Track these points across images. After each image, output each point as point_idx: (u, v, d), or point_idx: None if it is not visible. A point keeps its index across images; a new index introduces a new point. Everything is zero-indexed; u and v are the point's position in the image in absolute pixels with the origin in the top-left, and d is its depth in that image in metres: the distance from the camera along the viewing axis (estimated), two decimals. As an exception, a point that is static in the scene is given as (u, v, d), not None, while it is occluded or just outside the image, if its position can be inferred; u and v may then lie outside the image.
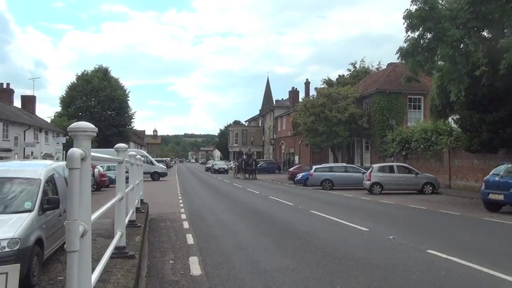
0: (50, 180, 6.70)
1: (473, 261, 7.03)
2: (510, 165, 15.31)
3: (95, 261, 3.82)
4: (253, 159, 42.14)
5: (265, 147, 68.56)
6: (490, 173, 15.52)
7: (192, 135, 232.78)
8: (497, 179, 14.62)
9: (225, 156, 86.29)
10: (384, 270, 6.59)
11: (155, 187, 26.37)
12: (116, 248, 5.49)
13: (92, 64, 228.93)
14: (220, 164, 56.37)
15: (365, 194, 22.27)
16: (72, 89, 56.81)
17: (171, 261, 7.30)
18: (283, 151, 57.69)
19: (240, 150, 49.46)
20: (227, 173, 51.89)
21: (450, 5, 15.28)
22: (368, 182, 22.76)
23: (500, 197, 14.26)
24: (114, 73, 68.14)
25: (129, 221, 7.98)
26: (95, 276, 3.32)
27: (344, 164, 30.87)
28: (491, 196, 14.63)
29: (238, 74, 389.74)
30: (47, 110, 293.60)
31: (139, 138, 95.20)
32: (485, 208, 14.92)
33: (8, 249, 5.01)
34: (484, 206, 15.08)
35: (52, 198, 6.35)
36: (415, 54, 15.85)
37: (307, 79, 59.45)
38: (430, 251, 7.91)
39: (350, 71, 54.20)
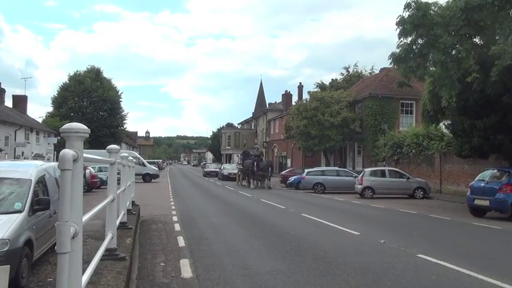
0: (41, 181, 6.65)
1: (463, 265, 7.09)
2: (495, 170, 15.49)
3: (85, 262, 3.80)
4: (269, 161, 33.61)
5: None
6: (476, 179, 15.69)
7: (185, 137, 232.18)
8: (482, 184, 14.79)
9: (217, 159, 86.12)
10: (374, 274, 6.62)
11: (147, 189, 26.25)
12: (107, 249, 5.46)
13: (83, 64, 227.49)
14: (231, 169, 43.32)
15: (356, 197, 22.35)
16: (64, 89, 56.47)
17: (162, 264, 7.28)
18: (275, 154, 57.76)
19: (246, 149, 41.19)
20: None
21: (443, 11, 15.41)
22: (360, 186, 22.85)
23: (486, 203, 14.41)
24: (106, 73, 67.72)
25: (120, 223, 7.94)
26: (85, 278, 3.30)
27: (336, 168, 30.95)
28: (477, 202, 14.79)
29: (232, 76, 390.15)
30: (37, 109, 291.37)
31: (131, 140, 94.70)
32: (470, 213, 15.06)
33: (-3, 250, 4.96)
34: (470, 211, 15.22)
35: (42, 199, 6.30)
36: (408, 59, 15.98)
37: (300, 82, 59.63)
38: (420, 255, 7.96)
39: (343, 75, 54.59)
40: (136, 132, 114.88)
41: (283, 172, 37.67)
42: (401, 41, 16.13)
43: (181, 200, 20.40)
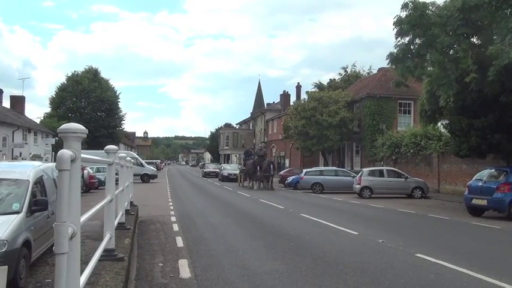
0: (39, 182, 6.63)
1: (461, 265, 7.10)
2: (493, 170, 15.53)
3: (84, 263, 3.79)
4: (269, 161, 32.42)
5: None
6: (473, 178, 15.76)
7: (183, 138, 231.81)
8: (480, 184, 14.84)
9: (215, 159, 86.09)
10: (373, 274, 6.63)
11: (145, 189, 26.23)
12: (105, 250, 5.44)
13: (81, 65, 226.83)
14: (231, 169, 40.50)
15: (355, 197, 22.37)
16: (62, 89, 56.43)
17: (160, 264, 7.27)
18: (274, 154, 57.76)
19: (249, 149, 39.73)
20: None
21: (440, 11, 15.43)
22: (358, 186, 22.88)
23: (484, 202, 14.46)
24: (104, 74, 67.93)
25: (119, 223, 7.92)
26: (83, 278, 3.30)
27: (334, 168, 30.99)
28: (475, 201, 14.83)
29: (230, 76, 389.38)
30: (35, 110, 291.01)
31: (129, 140, 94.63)
32: (468, 213, 15.09)
33: (-5, 251, 4.95)
34: (468, 210, 15.26)
35: (40, 199, 6.29)
36: (405, 60, 16.00)
37: (298, 83, 59.67)
38: (418, 254, 7.97)
39: (341, 75, 54.68)
40: (134, 133, 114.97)
41: (281, 172, 37.70)
42: (398, 41, 16.16)
43: (179, 200, 20.38)
